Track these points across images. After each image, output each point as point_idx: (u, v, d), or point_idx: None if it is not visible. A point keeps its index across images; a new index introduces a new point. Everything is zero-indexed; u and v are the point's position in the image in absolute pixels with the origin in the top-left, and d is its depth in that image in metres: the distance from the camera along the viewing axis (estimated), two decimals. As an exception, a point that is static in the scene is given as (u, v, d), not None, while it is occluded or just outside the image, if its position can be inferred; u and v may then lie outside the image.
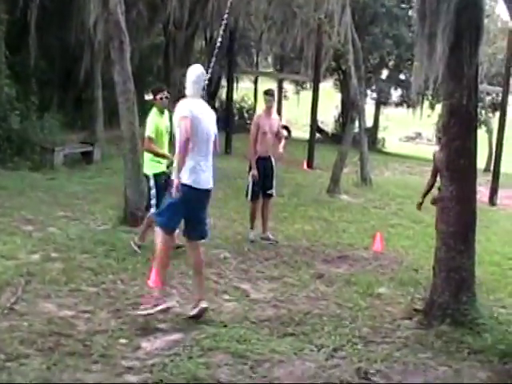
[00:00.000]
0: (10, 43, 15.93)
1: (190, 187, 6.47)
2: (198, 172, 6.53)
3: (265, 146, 9.93)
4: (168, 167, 8.39)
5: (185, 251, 8.24)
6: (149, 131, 8.73)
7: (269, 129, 9.92)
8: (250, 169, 9.88)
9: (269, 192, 10.06)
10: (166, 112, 9.11)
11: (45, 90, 18.99)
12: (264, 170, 9.90)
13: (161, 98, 8.91)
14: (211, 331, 6.23)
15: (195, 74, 6.67)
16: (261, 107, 10.21)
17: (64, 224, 10.12)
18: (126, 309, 6.66)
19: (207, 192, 6.68)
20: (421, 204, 8.82)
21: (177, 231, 7.11)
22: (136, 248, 8.69)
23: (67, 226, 10.02)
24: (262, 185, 9.93)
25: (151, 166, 8.84)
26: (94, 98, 19.92)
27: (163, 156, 8.69)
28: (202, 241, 6.96)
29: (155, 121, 8.83)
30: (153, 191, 8.76)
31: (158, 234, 6.76)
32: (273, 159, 10.08)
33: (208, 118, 6.69)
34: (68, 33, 19.90)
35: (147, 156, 8.88)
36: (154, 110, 8.95)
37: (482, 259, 9.23)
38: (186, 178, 6.43)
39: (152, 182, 8.79)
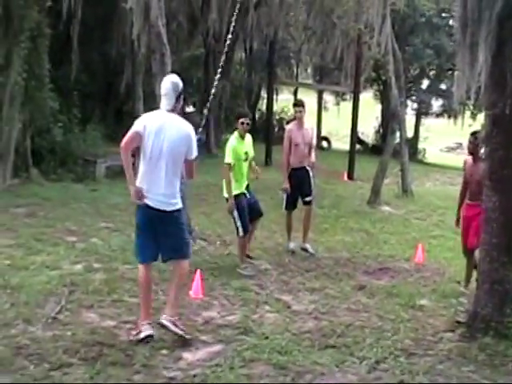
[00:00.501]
0: (53, 57, 16.17)
1: (143, 207, 6.24)
2: (149, 193, 6.21)
3: (298, 157, 9.87)
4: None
5: (217, 264, 8.31)
6: (227, 157, 8.81)
7: (301, 140, 9.86)
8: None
9: (307, 199, 9.97)
10: (249, 137, 9.20)
11: (87, 103, 19.24)
12: (299, 179, 9.85)
13: (242, 123, 8.93)
14: (252, 342, 6.23)
15: (164, 86, 6.20)
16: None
17: (106, 235, 10.25)
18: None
19: (160, 213, 6.17)
20: (458, 220, 8.76)
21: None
22: (247, 272, 8.71)
23: (109, 236, 10.15)
24: (300, 193, 9.93)
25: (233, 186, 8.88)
26: (134, 111, 20.08)
27: (229, 189, 8.76)
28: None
29: (234, 146, 8.86)
30: (235, 213, 8.84)
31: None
32: (308, 168, 9.98)
33: (169, 136, 6.07)
34: (109, 46, 20.20)
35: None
36: (235, 135, 8.99)
37: (526, 271, 9.08)
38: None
39: (229, 205, 8.89)
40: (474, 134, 8.43)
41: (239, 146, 8.92)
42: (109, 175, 16.35)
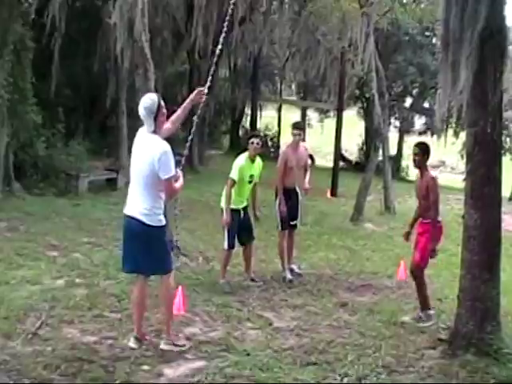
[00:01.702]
0: (37, 71, 16.15)
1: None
2: (128, 202, 6.37)
3: (291, 179, 9.67)
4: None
5: (200, 280, 8.30)
6: (232, 173, 8.77)
7: (295, 164, 9.65)
8: (276, 198, 9.67)
9: (292, 223, 9.78)
10: (259, 161, 9.12)
11: (70, 117, 19.20)
12: (289, 201, 9.63)
13: (252, 143, 8.90)
14: (234, 359, 6.21)
15: (140, 112, 6.15)
16: (286, 136, 9.99)
17: (88, 250, 10.20)
18: (148, 335, 6.66)
19: (130, 220, 6.26)
20: (408, 234, 8.34)
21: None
22: (225, 289, 8.66)
23: (91, 251, 10.10)
24: (288, 215, 9.64)
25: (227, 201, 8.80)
26: (118, 126, 20.09)
27: (227, 203, 8.71)
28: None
29: (241, 166, 8.81)
30: (224, 227, 8.85)
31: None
32: (298, 190, 9.83)
33: (140, 156, 6.19)
34: (93, 61, 20.19)
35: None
36: (245, 155, 8.94)
37: (507, 288, 9.07)
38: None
39: (224, 218, 8.81)
40: (418, 145, 8.12)
41: (246, 167, 8.86)
42: (92, 190, 16.29)
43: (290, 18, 22.92)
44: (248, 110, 31.21)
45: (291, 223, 9.75)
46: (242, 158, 8.92)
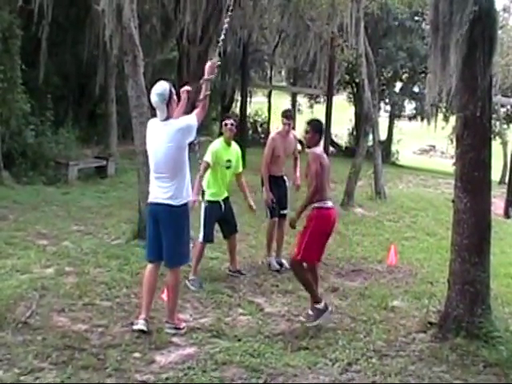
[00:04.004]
0: (26, 59, 16.04)
1: (149, 204, 6.64)
2: (153, 188, 6.54)
3: (278, 166, 9.47)
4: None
5: (190, 267, 8.28)
6: (206, 156, 8.51)
7: (283, 153, 9.45)
8: (263, 186, 9.44)
9: (282, 212, 9.49)
10: (236, 148, 8.93)
11: (59, 105, 19.09)
12: (277, 190, 9.41)
13: (225, 125, 8.69)
14: (225, 345, 6.23)
15: (152, 100, 6.41)
16: (276, 122, 9.71)
17: (78, 238, 10.18)
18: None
19: (158, 206, 6.43)
20: (294, 222, 7.44)
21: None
22: (193, 287, 8.15)
23: (81, 240, 10.07)
24: (277, 203, 9.38)
25: (206, 192, 8.56)
26: (108, 113, 20.03)
27: (198, 189, 8.33)
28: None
29: (216, 149, 8.58)
30: (201, 218, 8.53)
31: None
32: (286, 178, 9.66)
33: (156, 140, 6.41)
34: (82, 48, 20.05)
35: (204, 180, 8.58)
36: (220, 139, 8.76)
37: (497, 272, 9.15)
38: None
39: (202, 209, 8.55)
40: (309, 122, 7.63)
41: (222, 150, 8.60)
42: (81, 178, 16.25)
43: (280, 4, 22.78)
44: (238, 97, 31.10)
45: (281, 212, 9.47)
46: (217, 142, 8.72)
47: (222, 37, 7.47)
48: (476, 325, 6.62)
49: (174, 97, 6.41)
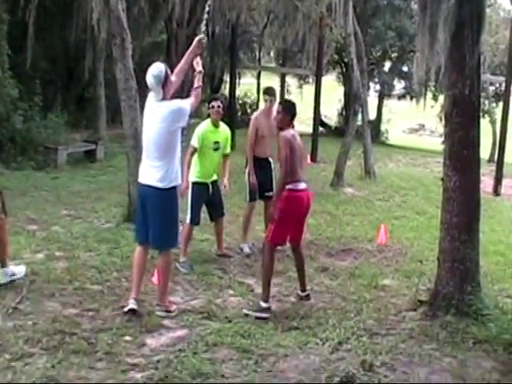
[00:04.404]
0: (13, 44, 15.94)
1: (138, 184, 6.67)
2: (142, 169, 6.57)
3: (263, 147, 9.21)
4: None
5: (180, 249, 8.29)
6: (192, 140, 8.42)
7: (268, 132, 9.12)
8: (246, 168, 9.26)
9: (268, 194, 9.12)
10: (225, 129, 8.79)
11: (48, 90, 18.99)
12: (262, 172, 9.17)
13: (212, 107, 8.50)
14: (216, 327, 6.25)
15: (147, 81, 6.36)
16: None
17: (68, 223, 10.15)
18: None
19: (146, 188, 6.43)
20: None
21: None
22: (184, 269, 8.10)
23: (71, 224, 10.04)
24: (261, 187, 9.12)
25: (193, 172, 8.46)
26: (96, 97, 19.95)
27: (186, 172, 8.22)
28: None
29: (203, 131, 8.46)
30: (188, 200, 8.44)
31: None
32: (271, 160, 9.42)
33: (149, 119, 6.44)
34: (69, 32, 19.93)
35: (192, 162, 8.49)
36: (207, 121, 8.62)
37: (487, 249, 9.20)
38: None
39: (189, 190, 8.45)
40: (281, 102, 7.56)
41: (209, 132, 8.49)
42: (70, 162, 16.19)
43: (268, -16, 22.73)
44: (227, 78, 31.00)
45: (266, 194, 9.20)
46: (204, 124, 8.58)
47: (206, 16, 7.48)
48: (466, 302, 6.67)
49: (171, 78, 6.45)
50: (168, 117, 6.32)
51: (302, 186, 6.96)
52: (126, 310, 6.40)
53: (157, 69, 6.36)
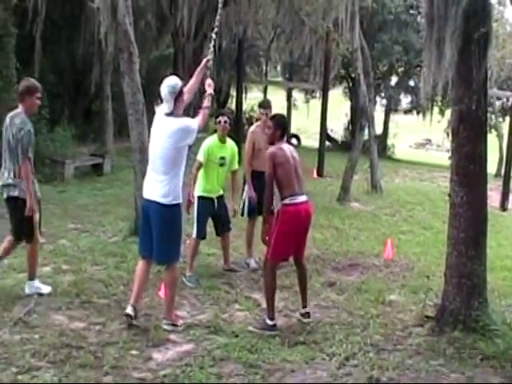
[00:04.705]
0: (21, 57, 16.01)
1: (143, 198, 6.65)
2: (147, 183, 6.58)
3: (260, 161, 8.88)
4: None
5: (186, 263, 8.31)
6: (199, 155, 8.41)
7: (264, 145, 8.68)
8: (245, 183, 9.21)
9: None
10: (231, 145, 8.77)
11: (55, 103, 19.05)
12: (260, 185, 8.73)
13: (219, 122, 8.52)
14: (222, 341, 6.24)
15: (162, 90, 6.39)
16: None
17: (74, 236, 10.17)
18: (137, 320, 6.66)
19: (150, 203, 6.43)
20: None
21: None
22: (190, 283, 8.11)
23: (78, 238, 10.06)
24: (259, 200, 8.69)
25: (199, 187, 8.45)
26: (103, 110, 20.02)
27: (192, 187, 8.34)
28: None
29: (209, 146, 8.45)
30: (194, 214, 8.45)
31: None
32: None
33: (157, 133, 6.45)
34: (77, 46, 20.03)
35: (198, 177, 8.48)
36: (214, 136, 8.61)
37: (494, 264, 9.18)
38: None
39: (195, 205, 8.46)
40: (271, 118, 7.32)
41: (215, 147, 8.48)
42: (77, 176, 16.23)
43: (275, -1, 22.79)
44: (233, 92, 31.09)
45: None
46: (211, 139, 8.56)
47: (216, 30, 7.54)
48: (473, 318, 6.64)
49: (184, 94, 6.50)
50: (176, 133, 6.32)
51: (300, 199, 6.82)
52: (124, 313, 6.49)
53: (173, 80, 6.44)
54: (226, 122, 8.56)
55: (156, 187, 6.39)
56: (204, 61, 7.03)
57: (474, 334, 6.51)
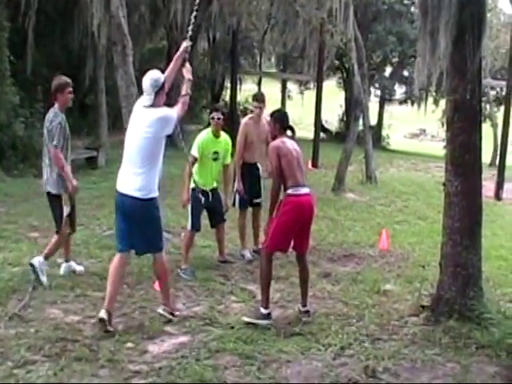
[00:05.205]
0: (14, 50, 15.96)
1: (116, 191, 6.46)
2: (121, 176, 6.43)
3: (252, 153, 9.16)
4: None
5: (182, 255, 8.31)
6: (193, 149, 8.39)
7: (256, 138, 9.10)
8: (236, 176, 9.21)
9: (256, 201, 9.30)
10: (225, 139, 8.74)
11: (49, 97, 18.95)
12: (250, 177, 9.14)
13: (212, 118, 8.53)
14: (218, 333, 6.24)
15: (143, 82, 6.37)
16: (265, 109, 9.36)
17: (69, 229, 10.12)
18: (132, 313, 6.67)
19: (125, 198, 6.28)
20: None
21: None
22: (185, 276, 8.07)
23: (73, 231, 10.02)
24: (250, 192, 9.13)
25: (192, 180, 8.34)
26: (97, 103, 19.96)
27: (186, 182, 8.30)
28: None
29: (202, 141, 8.45)
30: (188, 207, 8.43)
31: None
32: (259, 166, 9.33)
33: (135, 125, 6.38)
34: (70, 39, 19.98)
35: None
36: (207, 130, 8.62)
37: (489, 254, 9.20)
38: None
39: (182, 197, 8.50)
40: (272, 114, 7.29)
41: (209, 142, 8.48)
42: (72, 169, 16.02)
43: (268, -10, 22.76)
44: (228, 84, 31.06)
45: (255, 201, 9.28)
46: (204, 133, 8.57)
47: (195, 14, 7.49)
48: (468, 307, 6.65)
49: (165, 89, 6.43)
50: (155, 123, 6.23)
51: (304, 190, 6.79)
52: (97, 317, 6.22)
53: (156, 74, 6.39)
54: (219, 118, 8.51)
55: (131, 180, 6.26)
56: (182, 46, 6.92)
57: (470, 323, 6.52)
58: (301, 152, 7.03)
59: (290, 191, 6.70)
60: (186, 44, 6.94)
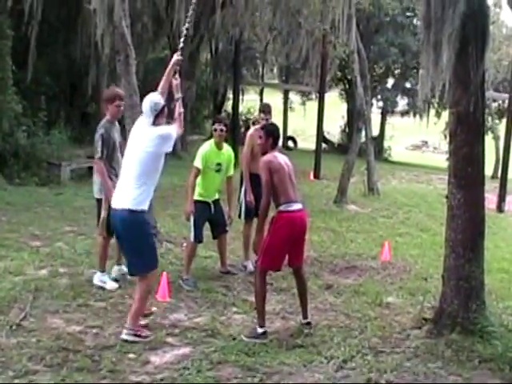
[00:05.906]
0: (17, 59, 15.99)
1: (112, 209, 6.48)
2: (117, 192, 6.42)
3: (258, 164, 8.73)
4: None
5: (184, 266, 8.30)
6: (196, 161, 8.36)
7: None
8: (242, 185, 9.24)
9: None
10: (228, 151, 8.72)
11: (51, 106, 19.03)
12: (256, 188, 8.84)
13: (215, 130, 8.50)
14: (220, 344, 6.21)
15: (143, 104, 6.45)
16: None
17: (71, 239, 10.14)
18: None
19: (117, 214, 6.27)
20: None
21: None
22: (187, 286, 8.07)
23: (74, 240, 10.03)
24: (256, 203, 8.72)
25: (194, 192, 8.36)
26: (100, 113, 19.94)
27: (189, 194, 8.28)
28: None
29: (205, 152, 8.40)
30: (191, 219, 8.36)
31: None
32: None
33: (136, 140, 6.38)
34: (74, 48, 20.00)
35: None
36: (210, 142, 8.59)
37: (491, 266, 9.18)
38: None
39: (185, 208, 8.44)
40: (262, 127, 7.23)
41: (211, 154, 8.44)
42: (74, 178, 16.21)
43: (271, 1, 22.77)
44: (230, 94, 31.09)
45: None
46: (207, 145, 8.53)
47: (187, 26, 7.47)
48: (471, 320, 6.62)
49: (164, 113, 6.44)
50: (156, 139, 6.23)
51: (296, 206, 6.68)
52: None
53: (157, 97, 6.44)
54: (222, 130, 8.49)
55: (125, 193, 6.23)
56: (173, 59, 6.90)
57: (472, 336, 6.49)
58: (292, 166, 6.93)
59: (282, 208, 6.60)
60: (176, 57, 6.92)
